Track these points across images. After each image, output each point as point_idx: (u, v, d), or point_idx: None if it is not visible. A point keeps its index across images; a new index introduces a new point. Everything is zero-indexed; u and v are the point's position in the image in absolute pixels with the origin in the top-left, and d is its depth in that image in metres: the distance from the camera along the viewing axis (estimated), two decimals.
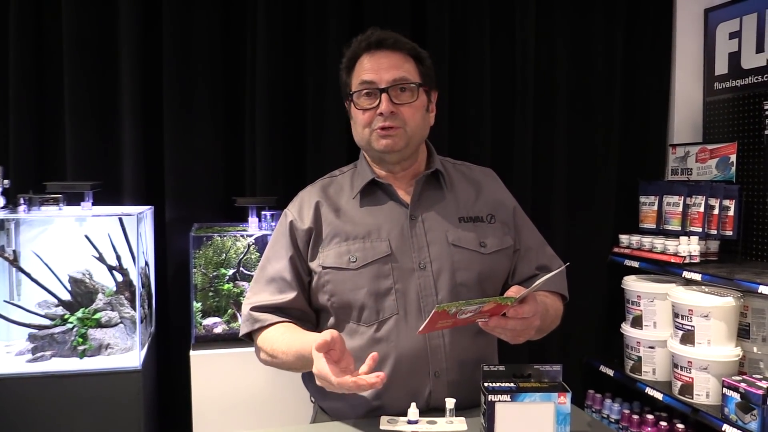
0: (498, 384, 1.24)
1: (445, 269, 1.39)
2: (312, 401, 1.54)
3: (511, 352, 1.61)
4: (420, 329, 1.19)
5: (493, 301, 1.19)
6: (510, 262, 1.50)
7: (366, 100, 1.40)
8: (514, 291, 1.27)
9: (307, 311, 1.46)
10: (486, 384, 1.24)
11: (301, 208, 1.47)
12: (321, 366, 1.14)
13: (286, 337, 1.37)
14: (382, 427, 1.20)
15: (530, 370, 1.28)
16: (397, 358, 1.36)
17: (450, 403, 1.22)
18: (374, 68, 1.40)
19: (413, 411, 1.20)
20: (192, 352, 2.07)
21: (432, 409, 1.34)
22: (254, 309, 1.43)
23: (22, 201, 2.00)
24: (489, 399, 1.20)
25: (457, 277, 1.40)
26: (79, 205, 2.09)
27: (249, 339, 1.48)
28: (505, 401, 1.20)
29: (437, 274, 1.39)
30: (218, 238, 2.18)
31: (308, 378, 1.50)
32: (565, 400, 1.22)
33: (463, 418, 1.21)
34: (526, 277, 1.51)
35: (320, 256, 1.41)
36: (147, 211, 2.24)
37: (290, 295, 1.42)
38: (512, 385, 1.24)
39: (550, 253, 1.57)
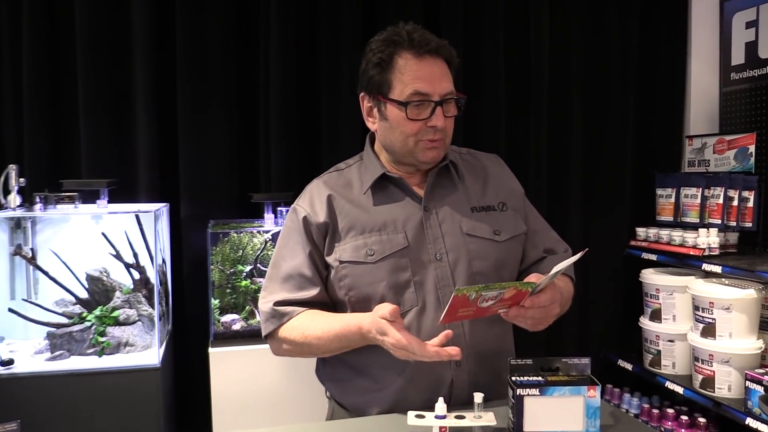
0: (526, 377, 1.23)
1: (461, 259, 1.39)
2: (328, 397, 1.52)
3: (528, 345, 1.60)
4: (441, 318, 1.17)
5: (513, 287, 1.17)
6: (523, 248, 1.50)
7: (416, 110, 1.36)
8: (534, 279, 1.26)
9: (328, 305, 1.44)
10: (514, 378, 1.22)
11: (312, 203, 1.44)
12: (398, 336, 1.19)
13: (319, 321, 1.36)
14: (409, 423, 1.18)
15: (558, 363, 1.26)
16: None
17: (478, 397, 1.19)
18: (428, 78, 1.35)
19: (441, 406, 1.18)
20: (211, 349, 2.07)
21: (454, 402, 1.33)
22: (277, 304, 1.41)
23: (38, 199, 2.01)
24: (517, 393, 1.18)
25: (473, 267, 1.39)
26: (94, 203, 2.09)
27: (266, 337, 1.46)
28: (534, 395, 1.19)
29: (454, 264, 1.38)
30: (235, 235, 2.17)
31: (325, 374, 1.49)
32: (595, 394, 1.20)
33: (491, 413, 1.19)
34: (534, 261, 1.50)
35: (337, 251, 1.39)
36: (163, 208, 2.23)
37: (313, 291, 1.40)
38: (540, 378, 1.22)
39: (555, 236, 1.57)
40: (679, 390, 2.44)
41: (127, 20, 2.34)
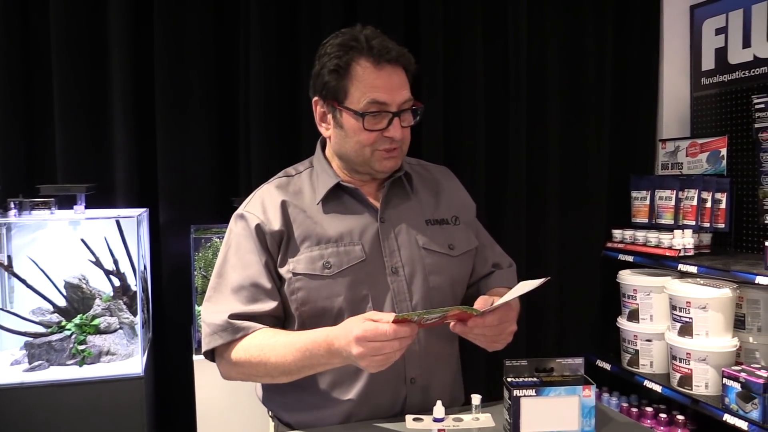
0: (522, 378, 1.24)
1: (417, 273, 1.37)
2: (270, 416, 1.46)
3: (507, 347, 1.59)
4: None
5: (457, 310, 1.17)
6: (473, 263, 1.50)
7: (373, 120, 1.31)
8: (481, 304, 1.23)
9: (281, 319, 1.36)
10: (509, 379, 1.23)
11: (264, 210, 1.35)
12: (367, 325, 1.10)
13: (280, 338, 1.26)
14: (408, 426, 1.18)
15: (552, 363, 1.28)
16: None
17: (476, 399, 1.21)
18: (386, 88, 1.30)
19: (439, 409, 1.18)
20: (195, 357, 2.03)
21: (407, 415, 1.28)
22: (233, 317, 1.29)
23: (12, 205, 1.94)
24: (514, 394, 1.19)
25: (430, 281, 1.37)
26: (71, 208, 2.04)
27: (210, 355, 1.35)
28: (530, 396, 1.20)
29: (410, 278, 1.36)
30: (217, 240, 2.14)
31: (270, 394, 1.44)
32: (590, 393, 1.22)
33: (489, 414, 1.20)
34: (483, 275, 1.51)
35: (290, 262, 1.32)
36: (144, 214, 2.19)
37: (271, 304, 1.31)
38: (536, 379, 1.23)
39: (500, 251, 1.59)
40: (658, 389, 2.48)
41: (103, 19, 2.28)
